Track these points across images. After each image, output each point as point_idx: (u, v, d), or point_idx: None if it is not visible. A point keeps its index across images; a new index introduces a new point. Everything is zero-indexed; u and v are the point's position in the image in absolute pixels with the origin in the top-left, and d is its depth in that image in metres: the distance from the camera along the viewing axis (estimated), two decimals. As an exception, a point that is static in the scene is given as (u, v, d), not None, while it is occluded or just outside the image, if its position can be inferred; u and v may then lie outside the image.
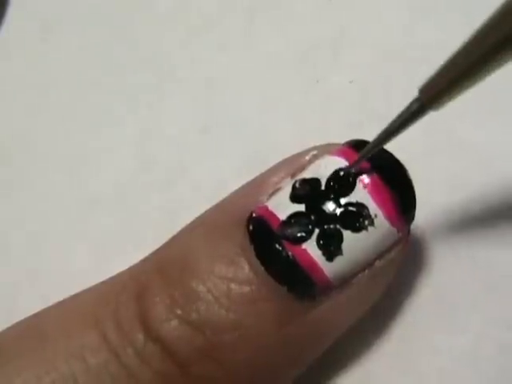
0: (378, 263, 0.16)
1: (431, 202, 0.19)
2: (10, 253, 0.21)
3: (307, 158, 0.17)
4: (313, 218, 0.15)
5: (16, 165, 0.22)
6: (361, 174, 0.16)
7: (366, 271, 0.16)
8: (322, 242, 0.15)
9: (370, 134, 0.17)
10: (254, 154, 0.20)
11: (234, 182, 0.18)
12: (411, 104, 0.14)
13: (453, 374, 0.18)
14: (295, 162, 0.17)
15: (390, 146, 0.16)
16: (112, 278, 0.17)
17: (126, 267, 0.18)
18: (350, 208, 0.15)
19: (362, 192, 0.15)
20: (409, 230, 0.16)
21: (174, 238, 0.17)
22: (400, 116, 0.15)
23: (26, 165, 0.22)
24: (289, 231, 0.15)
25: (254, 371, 0.16)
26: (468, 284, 0.18)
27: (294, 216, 0.16)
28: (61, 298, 0.17)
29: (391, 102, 0.20)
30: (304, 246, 0.15)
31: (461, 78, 0.13)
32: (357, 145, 0.16)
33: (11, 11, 0.24)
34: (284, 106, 0.21)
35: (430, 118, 0.20)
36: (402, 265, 0.18)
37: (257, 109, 0.21)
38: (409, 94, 0.20)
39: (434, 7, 0.21)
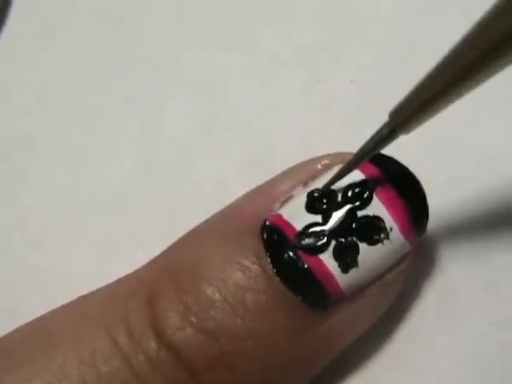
0: (388, 275, 0.16)
1: (432, 204, 0.19)
2: (11, 253, 0.21)
3: (319, 166, 0.17)
4: (329, 229, 0.15)
5: (17, 165, 0.22)
6: (377, 186, 0.16)
7: (377, 283, 0.16)
8: (338, 253, 0.15)
9: (370, 135, 0.17)
10: (255, 155, 0.20)
11: (235, 183, 0.18)
12: (381, 128, 0.15)
13: (454, 376, 0.18)
14: (307, 170, 0.17)
15: (391, 147, 0.16)
16: (119, 282, 0.17)
17: (127, 267, 0.17)
18: (367, 221, 0.15)
19: (379, 205, 0.16)
20: (419, 242, 0.17)
21: (183, 243, 0.17)
22: (371, 140, 0.15)
23: (28, 165, 0.22)
24: (305, 242, 0.15)
25: (267, 379, 0.16)
26: (469, 285, 0.18)
27: (311, 226, 0.16)
28: (62, 299, 0.17)
29: (392, 103, 0.20)
30: (320, 257, 0.15)
31: (429, 103, 0.14)
32: (374, 159, 0.16)
33: (13, 12, 0.23)
34: (285, 107, 0.21)
35: (430, 120, 0.20)
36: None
37: (258, 109, 0.21)
38: None
39: (436, 8, 0.22)
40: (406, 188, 0.16)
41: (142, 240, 0.20)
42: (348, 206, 0.16)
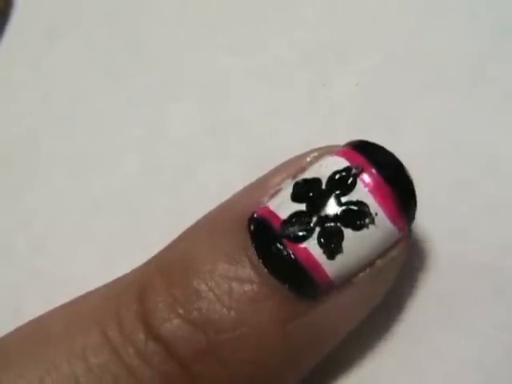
0: (379, 262, 0.16)
1: (435, 205, 0.19)
2: (14, 255, 0.21)
3: (308, 159, 0.17)
4: (313, 216, 0.15)
5: (20, 167, 0.22)
6: (361, 173, 0.16)
7: (368, 270, 0.16)
8: (322, 240, 0.15)
9: (375, 137, 0.17)
10: (260, 157, 0.20)
11: (240, 185, 0.18)
12: None
13: (459, 378, 0.18)
14: (296, 164, 0.17)
15: (393, 148, 0.16)
16: (114, 281, 0.17)
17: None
18: (351, 206, 0.15)
19: (363, 191, 0.15)
20: (410, 230, 0.16)
21: (175, 241, 0.17)
22: None
23: (31, 167, 0.22)
24: (289, 230, 0.15)
25: (257, 371, 0.15)
26: (474, 287, 0.18)
27: (295, 215, 0.16)
28: (65, 301, 0.17)
29: (397, 105, 0.21)
30: (305, 244, 0.15)
31: None
32: (358, 145, 0.16)
33: (16, 14, 0.24)
34: (290, 109, 0.21)
35: (432, 121, 0.20)
36: (407, 268, 0.18)
37: (263, 111, 0.21)
38: (414, 96, 0.20)
39: (440, 10, 0.21)
40: (392, 173, 0.16)
41: (147, 242, 0.20)
42: (332, 193, 0.16)
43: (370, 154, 0.16)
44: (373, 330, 0.18)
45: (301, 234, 0.15)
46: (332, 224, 0.15)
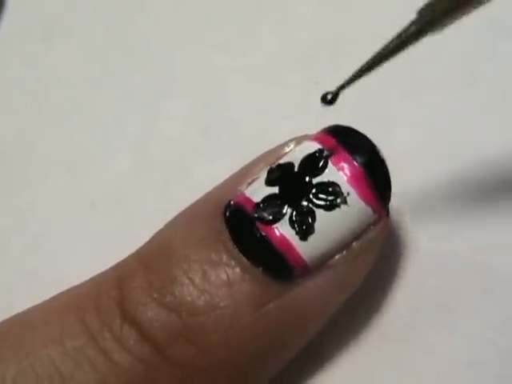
0: (355, 245, 0.16)
1: (432, 204, 0.19)
2: (8, 254, 0.21)
3: (287, 148, 0.17)
4: (285, 198, 0.16)
5: (15, 166, 0.22)
6: (332, 154, 0.16)
7: (344, 253, 0.16)
8: (295, 221, 0.15)
9: (369, 135, 0.17)
10: (252, 155, 0.20)
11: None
12: (408, 27, 0.14)
13: (452, 377, 0.17)
14: (275, 153, 0.17)
15: (390, 146, 0.16)
16: (98, 274, 0.17)
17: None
18: (322, 187, 0.15)
19: (334, 172, 0.16)
20: (387, 212, 0.16)
21: (156, 232, 0.17)
22: (395, 39, 0.15)
23: (26, 166, 0.22)
24: (262, 213, 0.15)
25: (238, 357, 0.15)
26: (466, 286, 0.18)
27: (268, 198, 0.16)
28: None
29: (391, 105, 0.21)
30: (277, 226, 0.15)
31: None
32: (331, 129, 0.16)
33: (8, 13, 0.24)
34: (283, 107, 0.21)
35: (427, 121, 0.20)
36: (398, 267, 0.19)
37: (256, 110, 0.22)
38: (408, 95, 0.21)
39: None
40: (363, 155, 0.16)
41: (141, 241, 0.20)
42: (303, 175, 0.16)
43: (342, 136, 0.16)
44: (364, 329, 0.18)
45: (273, 216, 0.15)
46: (304, 204, 0.15)
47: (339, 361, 0.18)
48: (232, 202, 0.16)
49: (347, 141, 0.16)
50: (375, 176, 0.16)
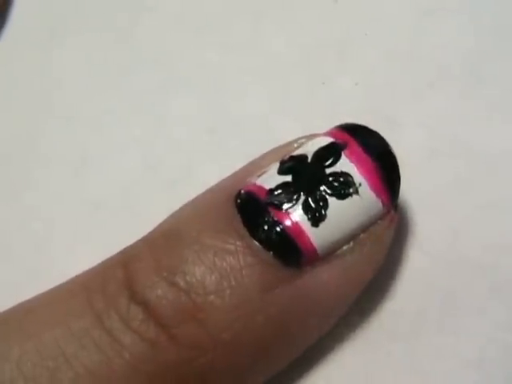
0: (362, 236, 0.16)
1: (434, 204, 0.19)
2: (12, 254, 0.21)
3: (296, 145, 0.17)
4: (299, 185, 0.16)
5: (19, 165, 0.22)
6: (346, 147, 0.16)
7: (351, 244, 0.16)
8: (307, 207, 0.15)
9: None
10: (259, 154, 0.21)
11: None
12: None
13: (459, 378, 0.18)
14: (284, 149, 0.17)
15: (392, 147, 0.17)
16: (105, 259, 0.17)
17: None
18: (335, 177, 0.16)
19: (347, 163, 0.16)
20: (395, 207, 0.17)
21: (162, 221, 0.17)
22: None
23: (30, 166, 0.22)
24: (275, 198, 0.16)
25: (239, 339, 0.15)
26: (472, 286, 0.18)
27: (281, 186, 0.16)
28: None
29: (397, 104, 0.21)
30: (290, 211, 0.15)
31: None
32: (343, 126, 0.17)
33: (16, 13, 0.24)
34: (290, 108, 0.22)
35: (432, 120, 0.20)
36: (405, 266, 0.19)
37: (263, 110, 0.22)
38: (413, 95, 0.21)
39: (440, 8, 0.22)
40: (374, 148, 0.16)
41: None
42: (317, 164, 0.16)
43: (354, 131, 0.17)
44: (369, 329, 0.18)
45: (286, 201, 0.16)
46: (317, 192, 0.16)
47: (344, 362, 0.18)
48: (243, 191, 0.16)
49: (360, 135, 0.16)
50: (386, 169, 0.16)
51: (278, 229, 0.15)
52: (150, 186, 0.21)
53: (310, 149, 0.17)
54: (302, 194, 0.16)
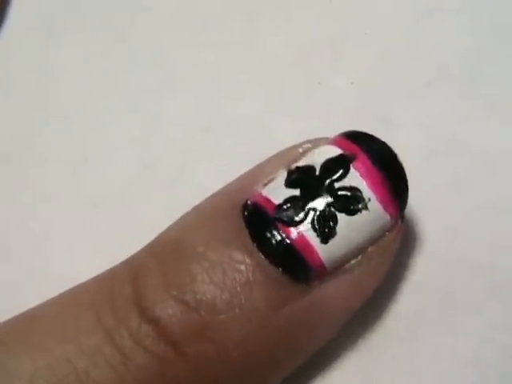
0: (370, 249, 0.16)
1: (433, 205, 0.19)
2: (10, 253, 0.21)
3: (301, 150, 0.17)
4: (308, 201, 0.16)
5: (17, 165, 0.22)
6: (354, 159, 0.16)
7: (359, 257, 0.16)
8: (317, 224, 0.15)
9: None
10: (255, 155, 0.20)
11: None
12: None
13: (454, 378, 0.18)
14: (289, 154, 0.17)
15: (394, 147, 0.17)
16: (109, 269, 0.17)
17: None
18: (345, 192, 0.16)
19: (356, 177, 0.16)
20: (402, 218, 0.17)
21: (168, 228, 0.17)
22: None
23: (28, 165, 0.22)
24: (284, 214, 0.16)
25: (251, 355, 0.15)
26: (469, 286, 0.18)
27: (289, 200, 0.16)
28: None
29: (393, 104, 0.21)
30: (299, 228, 0.15)
31: None
32: (351, 134, 0.17)
33: (13, 13, 0.24)
34: (286, 107, 0.21)
35: (428, 120, 0.20)
36: (401, 266, 0.19)
37: (259, 110, 0.22)
38: (410, 95, 0.21)
39: (436, 8, 0.22)
40: (383, 161, 0.16)
41: (144, 241, 0.20)
42: (326, 179, 0.16)
43: (362, 142, 0.16)
44: (367, 329, 0.18)
45: (295, 217, 0.15)
46: (326, 208, 0.16)
47: (341, 362, 0.18)
48: (249, 202, 0.16)
49: (368, 146, 0.16)
50: (395, 182, 0.16)
51: (287, 245, 0.15)
52: (147, 185, 0.21)
53: (317, 159, 0.16)
54: (310, 210, 0.16)
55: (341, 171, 0.16)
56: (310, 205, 0.16)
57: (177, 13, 0.23)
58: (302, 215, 0.16)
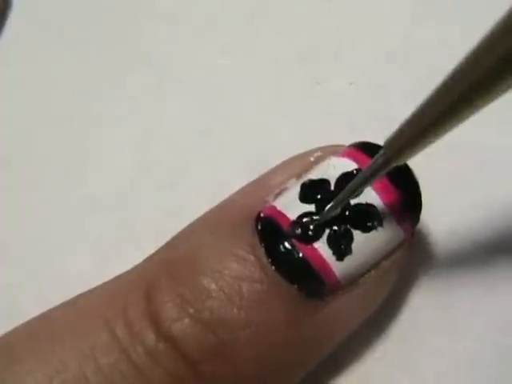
0: (384, 264, 0.16)
1: (432, 205, 0.19)
2: (9, 254, 0.21)
3: (312, 159, 0.17)
4: (323, 217, 0.16)
5: (16, 166, 0.22)
6: None
7: (373, 272, 0.16)
8: (332, 241, 0.15)
9: (369, 136, 0.17)
10: (255, 155, 0.21)
11: (235, 184, 0.18)
12: (377, 158, 0.14)
13: (452, 377, 0.18)
14: (300, 163, 0.17)
15: None
16: (118, 278, 0.17)
17: (127, 269, 0.17)
18: (360, 208, 0.16)
19: (371, 193, 0.16)
20: (413, 232, 0.17)
21: (178, 238, 0.17)
22: (367, 169, 0.15)
23: (27, 166, 0.22)
24: (299, 230, 0.16)
25: (265, 370, 0.16)
26: (469, 287, 0.19)
27: (304, 216, 0.16)
28: (61, 300, 0.17)
29: (391, 104, 0.21)
30: (315, 245, 0.15)
31: (423, 135, 0.13)
32: (364, 146, 0.17)
33: (14, 13, 0.24)
34: (285, 108, 0.21)
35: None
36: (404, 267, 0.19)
37: (258, 110, 0.22)
38: (409, 95, 0.21)
39: (435, 8, 0.22)
40: (398, 176, 0.16)
41: (142, 241, 0.20)
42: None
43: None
44: (368, 330, 0.19)
45: (311, 234, 0.15)
46: (342, 226, 0.15)
47: (339, 361, 0.19)
48: (262, 215, 0.16)
49: None
50: (409, 199, 0.16)
51: (304, 263, 0.15)
52: (145, 185, 0.21)
53: (332, 173, 0.16)
54: (326, 227, 0.15)
55: None
56: (326, 222, 0.16)
57: (175, 14, 0.23)
58: (317, 232, 0.15)
